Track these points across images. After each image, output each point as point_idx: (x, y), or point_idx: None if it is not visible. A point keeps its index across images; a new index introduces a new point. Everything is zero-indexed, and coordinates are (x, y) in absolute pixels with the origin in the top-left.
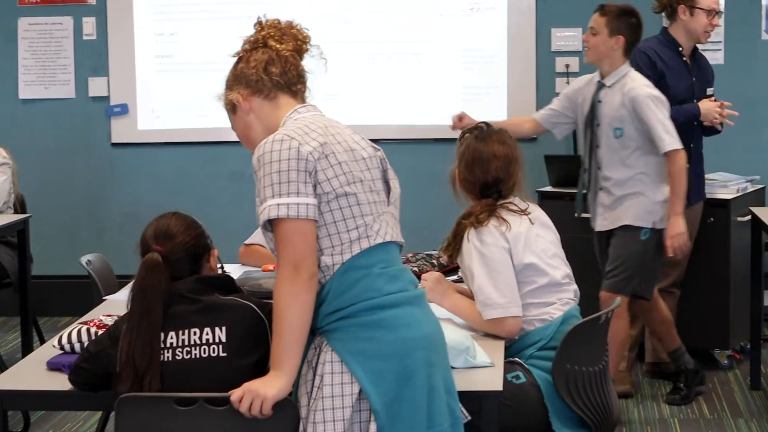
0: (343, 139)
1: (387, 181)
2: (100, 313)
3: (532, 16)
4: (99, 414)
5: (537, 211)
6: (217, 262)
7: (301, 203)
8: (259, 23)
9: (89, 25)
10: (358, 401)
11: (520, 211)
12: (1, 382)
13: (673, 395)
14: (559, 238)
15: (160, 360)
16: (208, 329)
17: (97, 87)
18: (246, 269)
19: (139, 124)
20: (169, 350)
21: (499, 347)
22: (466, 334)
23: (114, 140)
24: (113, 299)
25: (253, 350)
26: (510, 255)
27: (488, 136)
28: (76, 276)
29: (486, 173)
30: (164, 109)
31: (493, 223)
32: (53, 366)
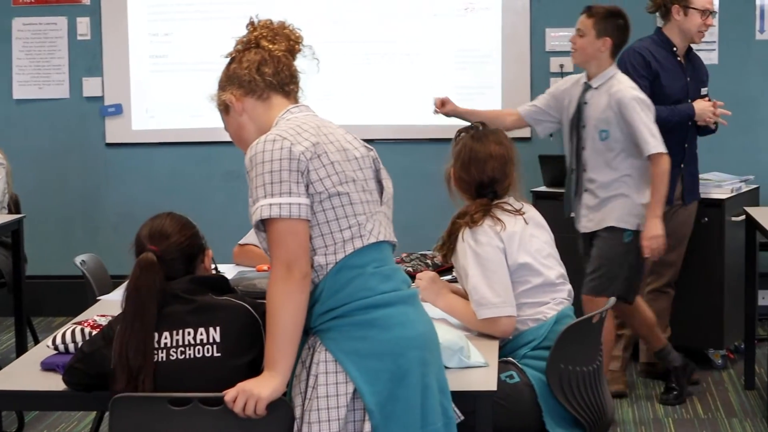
0: (336, 139)
1: (380, 181)
2: (94, 313)
3: (526, 16)
4: (93, 414)
5: (531, 211)
6: (211, 263)
7: (293, 203)
8: (251, 24)
9: (83, 25)
10: (352, 401)
11: (514, 211)
12: None
13: (666, 395)
14: (553, 238)
15: (153, 359)
16: (202, 329)
17: (91, 87)
18: (240, 269)
19: (134, 124)
20: (164, 350)
21: (493, 347)
22: (461, 334)
23: (108, 140)
24: (107, 299)
25: (247, 350)
26: (504, 255)
27: (484, 136)
28: (71, 276)
29: (482, 173)
30: (158, 110)
31: (488, 223)
32: (47, 366)
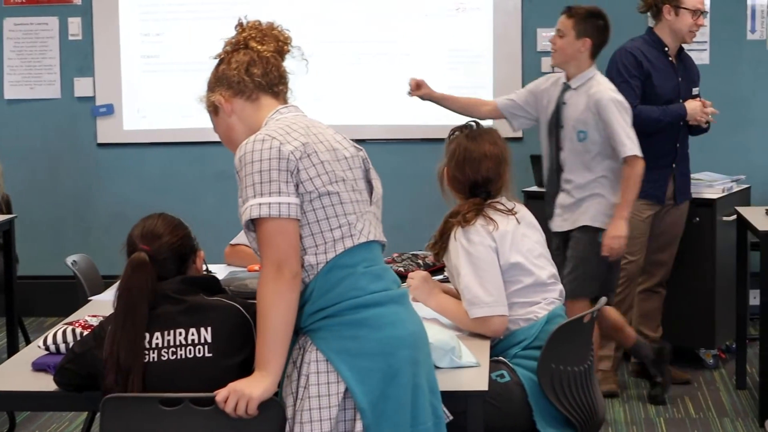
0: (325, 139)
1: (369, 181)
2: (85, 313)
3: (517, 16)
4: (85, 414)
5: (523, 211)
6: (203, 264)
7: (283, 202)
8: (239, 25)
9: (75, 25)
10: (343, 400)
11: (507, 211)
12: None
13: (653, 392)
14: (544, 237)
15: (143, 359)
16: (193, 330)
17: (82, 87)
18: (231, 269)
19: (125, 124)
20: (155, 351)
21: (485, 347)
22: (452, 334)
23: (100, 140)
24: (99, 300)
25: (238, 350)
26: (496, 254)
27: (479, 135)
28: (62, 276)
29: (476, 173)
30: (150, 110)
31: (480, 222)
32: (39, 366)
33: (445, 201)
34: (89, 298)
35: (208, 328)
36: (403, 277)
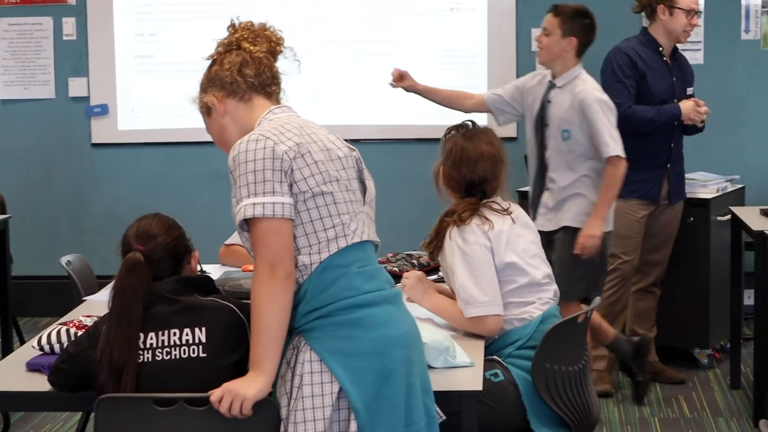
0: (319, 139)
1: (363, 181)
2: (79, 313)
3: (512, 16)
4: (79, 415)
5: (518, 211)
6: (197, 264)
7: (276, 202)
8: (232, 26)
9: (69, 25)
10: (337, 400)
11: (502, 211)
12: None
13: (636, 391)
14: (539, 237)
15: (137, 359)
16: (188, 330)
17: (77, 87)
18: (226, 269)
19: (120, 124)
20: (149, 351)
21: (479, 347)
22: (446, 334)
23: (94, 140)
24: (93, 300)
25: (233, 350)
26: (492, 254)
27: (475, 135)
28: (56, 276)
29: (473, 172)
30: (144, 110)
31: (476, 222)
32: (33, 367)
33: (441, 200)
34: (84, 299)
35: (203, 329)
36: (398, 277)
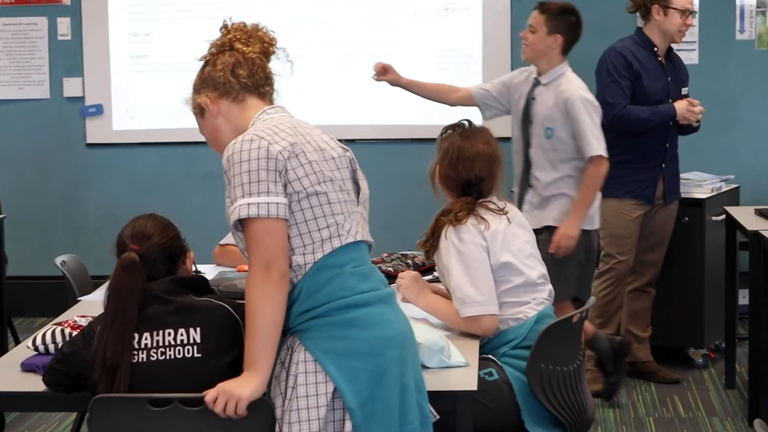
0: (313, 139)
1: (356, 182)
2: (74, 313)
3: (506, 17)
4: (74, 415)
5: (514, 211)
6: (192, 265)
7: (271, 202)
8: (224, 26)
9: (64, 25)
10: (332, 400)
11: (498, 210)
12: None
13: (605, 390)
14: (534, 237)
15: (131, 358)
16: (182, 330)
17: (71, 87)
18: (221, 269)
19: (114, 124)
20: (144, 351)
21: (474, 347)
22: (441, 334)
23: (89, 141)
24: (88, 300)
25: (227, 351)
26: (487, 253)
27: (472, 134)
28: (51, 277)
29: (470, 172)
30: (139, 110)
31: (472, 222)
32: (28, 367)
33: (436, 199)
34: (78, 299)
35: (197, 329)
36: (393, 277)
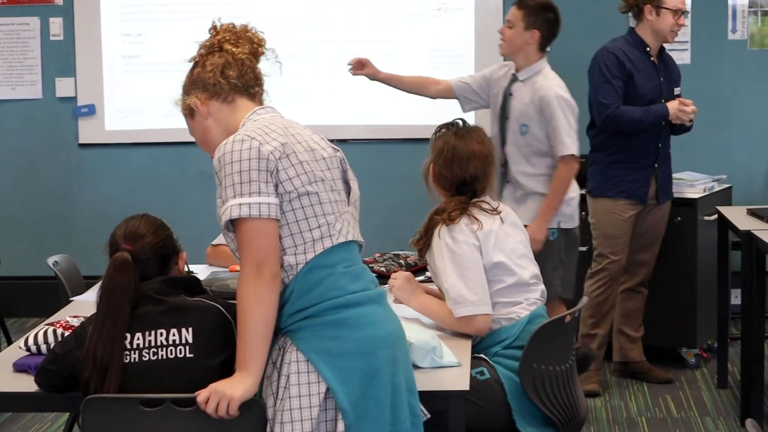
0: (303, 140)
1: (347, 182)
2: (66, 314)
3: (499, 17)
4: (66, 415)
5: (507, 210)
6: (185, 265)
7: (262, 203)
8: (213, 28)
9: (56, 25)
10: (324, 400)
11: (491, 210)
12: None
13: None
14: (528, 237)
15: (123, 357)
16: (174, 330)
17: (64, 87)
18: (213, 270)
19: (107, 124)
20: (136, 351)
21: (466, 347)
22: (433, 334)
23: (81, 141)
24: (80, 300)
25: (219, 351)
26: (480, 253)
27: (467, 134)
28: (44, 277)
29: (464, 171)
30: (132, 110)
31: (465, 221)
32: (20, 367)
33: (430, 198)
34: (71, 299)
35: (189, 329)
36: (385, 278)
